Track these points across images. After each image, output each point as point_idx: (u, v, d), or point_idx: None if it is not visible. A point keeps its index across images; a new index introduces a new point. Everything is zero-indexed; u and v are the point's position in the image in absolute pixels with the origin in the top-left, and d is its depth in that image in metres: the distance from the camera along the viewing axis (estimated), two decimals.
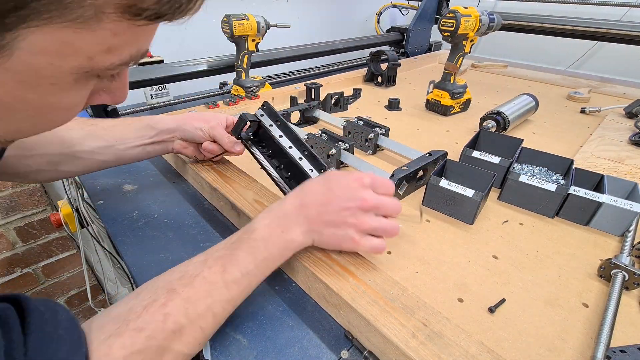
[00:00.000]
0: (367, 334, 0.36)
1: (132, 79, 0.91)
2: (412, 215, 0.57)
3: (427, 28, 1.63)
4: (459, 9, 0.84)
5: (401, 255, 0.48)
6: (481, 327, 0.39)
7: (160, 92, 1.05)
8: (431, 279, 0.45)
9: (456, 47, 0.91)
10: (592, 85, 1.19)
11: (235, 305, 0.36)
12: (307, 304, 0.43)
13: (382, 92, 1.16)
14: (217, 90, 1.17)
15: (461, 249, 0.50)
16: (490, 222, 0.55)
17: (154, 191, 0.65)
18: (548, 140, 0.83)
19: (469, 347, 0.32)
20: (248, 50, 0.95)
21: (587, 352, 0.36)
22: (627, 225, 0.51)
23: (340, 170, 0.49)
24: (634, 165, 0.71)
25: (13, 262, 1.18)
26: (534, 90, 1.15)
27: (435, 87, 0.98)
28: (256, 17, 0.92)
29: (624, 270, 0.43)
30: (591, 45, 1.51)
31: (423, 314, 0.35)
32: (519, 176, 0.57)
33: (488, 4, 1.77)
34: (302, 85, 1.03)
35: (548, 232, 0.54)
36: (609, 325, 0.37)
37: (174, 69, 0.99)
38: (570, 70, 1.59)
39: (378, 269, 0.41)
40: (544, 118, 0.95)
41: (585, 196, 0.53)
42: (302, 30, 1.65)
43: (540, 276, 0.46)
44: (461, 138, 0.83)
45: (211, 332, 0.35)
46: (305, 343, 0.38)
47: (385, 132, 0.75)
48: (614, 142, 0.81)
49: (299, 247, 0.40)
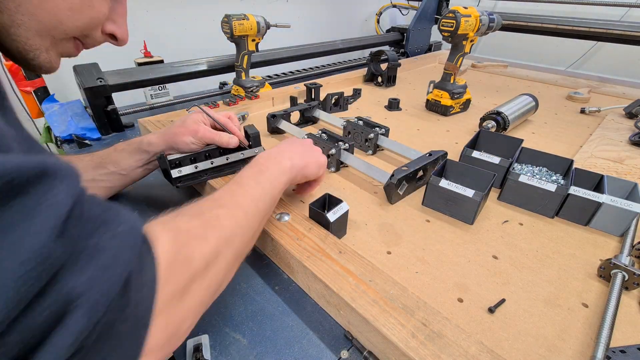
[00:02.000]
0: (367, 334, 0.36)
1: (132, 79, 0.91)
2: (413, 215, 0.57)
3: (427, 28, 1.63)
4: (458, 9, 0.84)
5: (401, 255, 0.48)
6: (481, 327, 0.39)
7: (160, 92, 1.05)
8: (431, 279, 0.45)
9: (456, 47, 0.91)
10: (591, 86, 1.19)
11: (259, 207, 0.39)
12: (307, 304, 0.43)
13: (382, 92, 1.16)
14: (217, 90, 1.17)
15: (461, 249, 0.50)
16: (490, 222, 0.55)
17: (154, 191, 0.65)
18: (548, 140, 0.83)
19: (469, 347, 0.32)
20: (248, 50, 0.95)
21: (587, 352, 0.36)
22: (626, 225, 0.51)
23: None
24: (633, 165, 0.71)
25: None
26: (534, 90, 1.16)
27: (435, 87, 0.98)
28: (256, 17, 0.92)
29: (623, 270, 0.43)
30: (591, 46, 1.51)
31: (423, 314, 0.35)
32: (518, 176, 0.57)
33: (488, 4, 1.78)
34: (302, 85, 1.03)
35: (548, 232, 0.54)
36: (609, 326, 0.37)
37: (174, 69, 0.99)
38: (570, 70, 1.59)
39: (378, 269, 0.41)
40: (544, 118, 0.95)
41: (585, 196, 0.53)
42: (302, 30, 1.65)
43: (540, 276, 0.46)
44: (461, 138, 0.83)
45: (247, 225, 0.36)
46: (305, 343, 0.38)
47: (385, 132, 0.75)
48: (613, 142, 0.81)
49: (293, 169, 0.47)
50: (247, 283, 0.46)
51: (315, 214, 0.49)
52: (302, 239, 0.45)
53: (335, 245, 0.44)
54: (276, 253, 0.47)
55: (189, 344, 0.37)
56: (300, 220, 0.49)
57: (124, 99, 1.03)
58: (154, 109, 1.04)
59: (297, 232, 0.46)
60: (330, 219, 0.47)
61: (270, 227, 0.47)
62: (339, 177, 0.67)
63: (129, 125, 0.90)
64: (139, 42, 1.08)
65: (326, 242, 0.45)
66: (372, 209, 0.58)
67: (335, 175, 0.68)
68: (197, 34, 1.32)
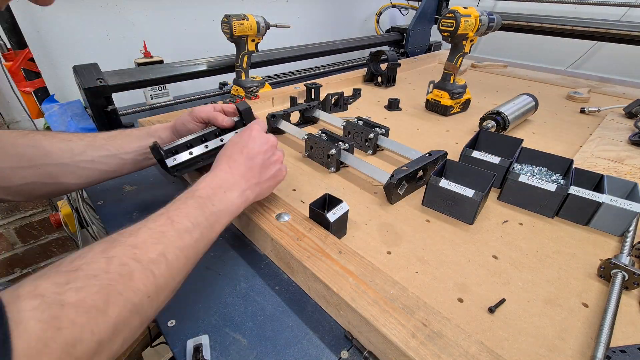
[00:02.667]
0: (367, 334, 0.36)
1: (132, 79, 0.91)
2: (413, 215, 0.56)
3: (426, 28, 1.63)
4: (458, 9, 0.84)
5: (401, 255, 0.48)
6: (481, 327, 0.39)
7: (160, 92, 1.05)
8: (431, 279, 0.45)
9: (456, 47, 0.91)
10: (591, 85, 1.19)
11: (190, 258, 0.33)
12: (307, 304, 0.43)
13: (382, 92, 1.16)
14: (217, 91, 1.17)
15: (461, 249, 0.50)
16: (490, 222, 0.55)
17: (154, 191, 0.65)
18: (548, 140, 0.83)
19: (469, 347, 0.32)
20: (248, 50, 0.95)
21: (587, 352, 0.36)
22: (626, 225, 0.51)
23: (240, 131, 0.50)
24: (633, 165, 0.71)
25: (13, 262, 1.18)
26: (534, 90, 1.16)
27: (435, 87, 0.98)
28: (256, 17, 0.92)
29: (623, 270, 0.43)
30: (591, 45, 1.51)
31: (423, 314, 0.35)
32: (518, 176, 0.57)
33: (488, 4, 1.77)
34: (302, 85, 1.03)
35: (548, 232, 0.54)
36: (609, 325, 0.37)
37: (174, 69, 0.99)
38: (569, 70, 1.59)
39: (378, 269, 0.41)
40: (544, 118, 0.95)
41: (585, 196, 0.53)
42: (302, 30, 1.65)
43: (540, 276, 0.46)
44: (461, 138, 0.83)
45: (166, 285, 0.29)
46: (305, 343, 0.38)
47: (385, 132, 0.75)
48: (613, 142, 0.81)
49: (243, 206, 0.43)
50: (247, 283, 0.46)
51: (315, 214, 0.49)
52: (302, 239, 0.45)
53: (335, 245, 0.44)
54: (276, 253, 0.47)
55: (189, 344, 0.37)
56: (300, 220, 0.49)
57: (124, 99, 1.03)
58: (154, 109, 1.04)
59: (297, 232, 0.46)
60: (330, 219, 0.47)
61: (270, 227, 0.47)
62: (339, 177, 0.67)
63: (129, 125, 0.90)
64: (139, 42, 1.08)
65: (326, 242, 0.45)
66: (372, 209, 0.58)
67: (335, 175, 0.68)
68: (197, 34, 1.32)
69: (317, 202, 0.50)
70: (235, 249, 0.51)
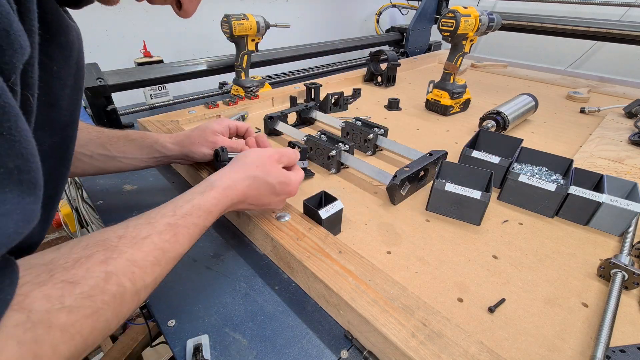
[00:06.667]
0: (366, 334, 0.36)
1: (132, 79, 0.91)
2: (413, 215, 0.56)
3: (426, 28, 1.63)
4: (458, 9, 0.84)
5: (401, 255, 0.48)
6: (481, 327, 0.39)
7: (159, 92, 1.05)
8: (431, 278, 0.45)
9: (456, 47, 0.91)
10: (591, 85, 1.19)
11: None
12: (307, 304, 0.43)
13: (381, 92, 1.16)
14: (216, 90, 1.17)
15: (461, 248, 0.50)
16: (490, 222, 0.55)
17: (154, 191, 0.65)
18: (548, 140, 0.83)
19: (469, 347, 0.32)
20: (248, 50, 0.95)
21: (587, 352, 0.36)
22: (626, 225, 0.51)
23: (253, 153, 0.46)
24: (633, 165, 0.71)
25: None
26: (534, 90, 1.16)
27: (435, 87, 0.98)
28: (256, 17, 0.92)
29: (623, 270, 0.43)
30: (591, 45, 1.51)
31: (423, 313, 0.35)
32: (518, 176, 0.57)
33: (488, 4, 1.78)
34: (302, 85, 1.03)
35: (548, 232, 0.54)
36: (609, 325, 0.37)
37: (174, 69, 0.99)
38: (569, 70, 1.59)
39: (378, 269, 0.41)
40: (544, 118, 0.95)
41: (585, 196, 0.53)
42: (302, 30, 1.65)
43: (539, 276, 0.46)
44: (461, 138, 0.83)
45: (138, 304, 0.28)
46: (305, 343, 0.38)
47: (384, 133, 0.74)
48: (613, 142, 0.81)
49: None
50: (247, 283, 0.46)
51: (308, 210, 0.49)
52: (302, 238, 0.45)
53: (335, 245, 0.44)
54: (276, 253, 0.47)
55: (189, 344, 0.37)
56: (300, 220, 0.49)
57: (124, 99, 1.03)
58: (154, 109, 1.04)
59: (297, 232, 0.46)
60: (322, 216, 0.47)
61: (270, 227, 0.47)
62: (339, 177, 0.67)
63: (129, 125, 0.90)
64: (139, 42, 1.08)
65: (326, 242, 0.45)
66: (372, 209, 0.58)
67: (335, 176, 0.68)
68: (197, 34, 1.32)
69: (312, 199, 0.50)
70: (235, 249, 0.51)
